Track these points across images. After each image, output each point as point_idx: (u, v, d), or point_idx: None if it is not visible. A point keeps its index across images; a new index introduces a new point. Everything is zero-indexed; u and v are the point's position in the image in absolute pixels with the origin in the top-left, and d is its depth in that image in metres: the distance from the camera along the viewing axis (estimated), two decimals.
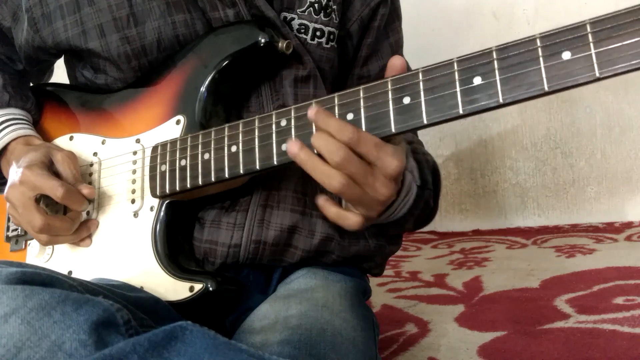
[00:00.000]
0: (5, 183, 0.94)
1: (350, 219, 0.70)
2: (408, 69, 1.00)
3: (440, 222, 2.47)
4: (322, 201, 0.71)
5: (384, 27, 0.93)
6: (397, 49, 0.97)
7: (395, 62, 0.68)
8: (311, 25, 0.86)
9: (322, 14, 0.86)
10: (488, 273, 1.63)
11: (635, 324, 1.07)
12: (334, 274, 0.88)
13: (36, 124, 0.97)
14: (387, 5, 0.92)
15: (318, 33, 0.86)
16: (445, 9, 2.40)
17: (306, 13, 0.86)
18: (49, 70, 1.08)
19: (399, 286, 1.59)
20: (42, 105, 0.98)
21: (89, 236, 0.87)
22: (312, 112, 0.67)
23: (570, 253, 1.75)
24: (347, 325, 0.77)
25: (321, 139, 0.66)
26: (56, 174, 0.84)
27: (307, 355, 0.68)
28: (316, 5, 0.86)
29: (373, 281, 1.03)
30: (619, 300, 1.22)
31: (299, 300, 0.79)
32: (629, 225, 2.08)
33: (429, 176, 0.87)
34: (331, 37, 0.88)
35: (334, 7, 0.87)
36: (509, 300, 1.33)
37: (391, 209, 0.76)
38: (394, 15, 0.96)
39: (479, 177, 2.40)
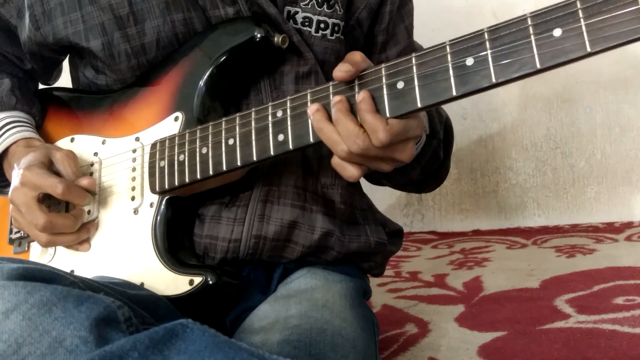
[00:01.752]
0: (6, 185, 0.94)
1: (349, 170, 0.69)
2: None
3: (440, 222, 2.47)
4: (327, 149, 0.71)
5: (397, 11, 0.93)
6: (411, 32, 0.97)
7: (354, 58, 0.68)
8: (315, 18, 0.86)
9: (325, 6, 0.86)
10: (488, 273, 1.63)
11: (635, 324, 1.07)
12: (334, 274, 0.88)
13: (39, 128, 0.98)
14: None
15: (322, 25, 0.87)
16: (445, 8, 2.40)
17: (309, 6, 0.86)
18: (57, 70, 1.09)
19: (399, 286, 1.59)
20: (45, 108, 0.99)
21: (88, 240, 0.87)
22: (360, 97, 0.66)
23: (570, 253, 1.75)
24: (347, 325, 0.77)
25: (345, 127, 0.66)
26: (57, 174, 0.84)
27: (306, 355, 0.68)
28: None
29: (373, 281, 1.03)
30: (619, 300, 1.22)
31: (299, 300, 0.79)
32: (629, 225, 2.08)
33: (440, 128, 0.88)
34: (335, 28, 0.88)
35: None
36: (509, 301, 1.33)
37: None
38: None
39: (479, 177, 2.40)
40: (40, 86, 1.07)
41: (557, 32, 0.56)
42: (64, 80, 1.08)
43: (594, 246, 1.81)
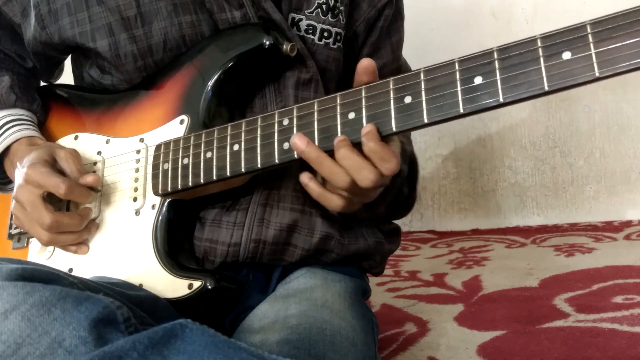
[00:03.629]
0: (7, 182, 0.94)
1: (333, 200, 0.73)
2: (406, 68, 1.01)
3: (440, 222, 2.47)
4: (306, 179, 0.74)
5: (386, 27, 0.95)
6: (397, 48, 0.98)
7: (365, 64, 0.70)
8: (319, 26, 0.87)
9: (329, 15, 0.87)
10: (487, 272, 1.63)
11: (635, 322, 1.07)
12: (334, 274, 0.88)
13: (42, 125, 0.98)
14: (392, 7, 0.94)
15: (325, 34, 0.87)
16: (444, 8, 2.40)
17: (314, 14, 0.87)
18: (59, 68, 1.09)
19: (398, 286, 1.59)
20: (48, 105, 0.99)
21: (87, 243, 0.87)
22: (365, 130, 0.67)
23: (569, 252, 1.75)
24: (347, 324, 0.77)
25: (351, 159, 0.68)
26: (60, 172, 0.84)
27: (306, 355, 0.68)
28: (324, 6, 0.87)
29: (372, 281, 1.03)
30: (618, 299, 1.22)
31: (299, 299, 0.79)
32: (627, 224, 2.08)
33: (405, 165, 0.89)
34: (338, 37, 0.89)
35: (341, 8, 0.89)
36: (508, 300, 1.33)
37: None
38: (398, 15, 0.97)
39: (478, 177, 2.40)
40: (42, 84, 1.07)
41: (567, 55, 0.56)
42: (65, 78, 1.08)
43: (593, 245, 1.81)
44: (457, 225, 2.43)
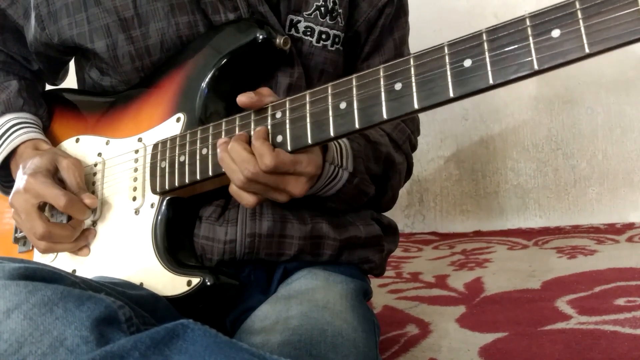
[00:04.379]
0: (11, 186, 0.95)
1: (245, 198, 0.74)
2: None
3: (441, 223, 2.47)
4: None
5: (389, 24, 0.95)
6: (401, 44, 0.98)
7: (239, 100, 0.73)
8: (317, 28, 0.88)
9: (327, 18, 0.88)
10: (489, 274, 1.63)
11: (637, 325, 1.07)
12: (335, 275, 0.88)
13: (46, 129, 0.99)
14: (393, 5, 0.94)
15: (323, 36, 0.88)
16: (446, 10, 2.40)
17: (312, 16, 0.87)
18: (64, 70, 1.09)
19: (400, 287, 1.59)
20: (52, 110, 1.00)
21: (87, 246, 0.87)
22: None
23: (571, 254, 1.75)
24: (348, 326, 0.77)
25: (236, 151, 0.71)
26: (61, 181, 0.85)
27: (307, 356, 0.68)
28: (322, 8, 0.88)
29: (374, 282, 1.03)
30: (620, 301, 1.22)
31: (300, 301, 0.79)
32: (630, 226, 2.08)
33: (373, 165, 0.88)
34: (336, 40, 0.89)
35: (340, 10, 0.89)
36: (510, 301, 1.33)
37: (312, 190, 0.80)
38: (400, 11, 0.97)
39: (480, 178, 2.40)
40: (47, 87, 1.08)
41: (556, 33, 0.55)
42: (70, 80, 1.09)
43: (595, 247, 1.81)
44: (459, 226, 2.43)
